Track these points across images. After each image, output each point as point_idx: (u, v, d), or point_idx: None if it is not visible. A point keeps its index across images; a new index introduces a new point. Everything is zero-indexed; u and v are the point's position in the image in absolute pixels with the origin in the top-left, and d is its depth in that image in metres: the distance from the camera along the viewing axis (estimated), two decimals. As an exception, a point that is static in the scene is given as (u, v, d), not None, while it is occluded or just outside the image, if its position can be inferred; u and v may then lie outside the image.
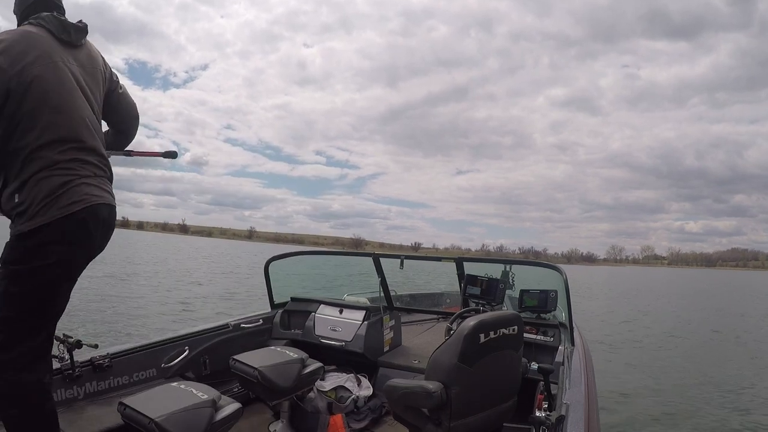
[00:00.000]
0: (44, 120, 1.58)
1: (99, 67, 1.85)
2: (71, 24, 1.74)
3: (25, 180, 1.56)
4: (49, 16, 1.69)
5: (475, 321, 1.92)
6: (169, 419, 1.62)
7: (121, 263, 20.59)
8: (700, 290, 35.45)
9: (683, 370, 7.82)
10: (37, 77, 1.58)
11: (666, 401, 5.91)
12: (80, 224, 1.61)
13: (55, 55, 1.65)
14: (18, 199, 1.56)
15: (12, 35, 1.59)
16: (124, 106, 1.99)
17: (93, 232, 1.67)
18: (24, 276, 1.56)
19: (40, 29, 1.66)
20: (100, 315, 8.77)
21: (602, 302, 20.74)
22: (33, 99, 1.57)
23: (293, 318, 3.51)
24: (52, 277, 1.59)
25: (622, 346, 9.67)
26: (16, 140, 1.56)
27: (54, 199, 1.56)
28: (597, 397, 2.47)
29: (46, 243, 1.56)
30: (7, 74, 1.53)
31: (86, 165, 1.67)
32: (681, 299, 25.44)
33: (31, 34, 1.62)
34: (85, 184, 1.64)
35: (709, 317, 16.49)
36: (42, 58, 1.60)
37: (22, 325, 1.57)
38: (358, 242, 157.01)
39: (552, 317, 3.14)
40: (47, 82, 1.60)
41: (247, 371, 2.38)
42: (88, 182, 1.65)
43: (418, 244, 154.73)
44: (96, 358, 2.33)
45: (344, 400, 2.86)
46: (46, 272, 1.57)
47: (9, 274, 1.56)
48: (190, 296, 12.49)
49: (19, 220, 1.56)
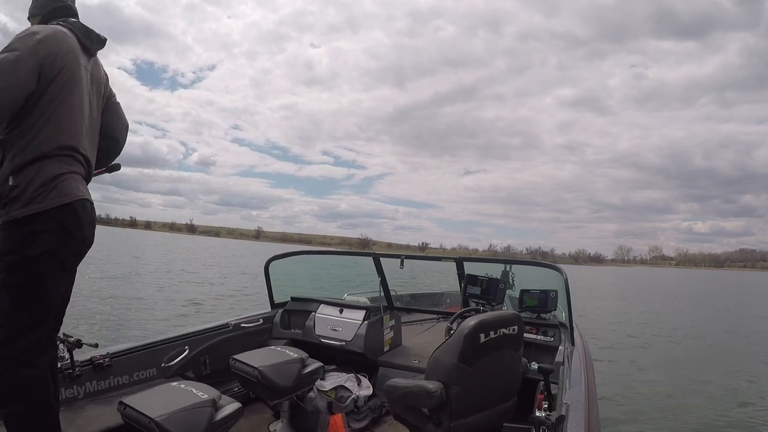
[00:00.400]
0: (56, 112, 1.63)
1: (102, 79, 1.93)
2: (95, 33, 1.83)
3: (22, 165, 1.58)
4: (77, 22, 1.80)
5: (476, 321, 1.92)
6: (169, 419, 1.62)
7: (129, 263, 20.76)
8: (708, 291, 34.96)
9: (688, 369, 7.76)
10: (64, 69, 1.65)
11: (672, 403, 5.86)
12: (74, 215, 1.65)
13: (81, 57, 1.75)
14: (12, 182, 1.57)
15: (47, 30, 1.67)
16: (118, 115, 2.06)
17: (85, 224, 1.71)
18: (18, 265, 1.56)
19: (69, 32, 1.74)
20: (103, 315, 8.82)
21: (609, 303, 20.58)
22: (56, 89, 1.63)
23: (293, 318, 3.52)
24: (46, 267, 1.60)
25: (630, 346, 9.61)
26: (26, 123, 1.60)
27: (49, 188, 1.59)
28: (597, 397, 2.45)
29: (41, 231, 1.57)
30: (41, 59, 1.59)
31: (77, 164, 1.72)
32: (688, 300, 25.07)
33: (64, 33, 1.71)
34: (75, 180, 1.69)
35: (719, 318, 16.22)
36: (70, 55, 1.69)
37: (20, 317, 1.57)
38: (365, 242, 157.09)
39: (552, 317, 3.13)
40: (71, 78, 1.68)
41: (248, 371, 2.38)
42: (77, 179, 1.71)
43: (425, 245, 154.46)
44: (96, 357, 2.34)
45: (344, 400, 2.86)
46: (39, 261, 1.58)
47: (4, 266, 1.56)
48: (198, 296, 12.54)
49: (12, 205, 1.57)
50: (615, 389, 6.10)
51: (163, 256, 30.62)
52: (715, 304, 22.78)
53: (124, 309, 9.72)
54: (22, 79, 1.54)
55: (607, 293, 26.88)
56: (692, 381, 6.97)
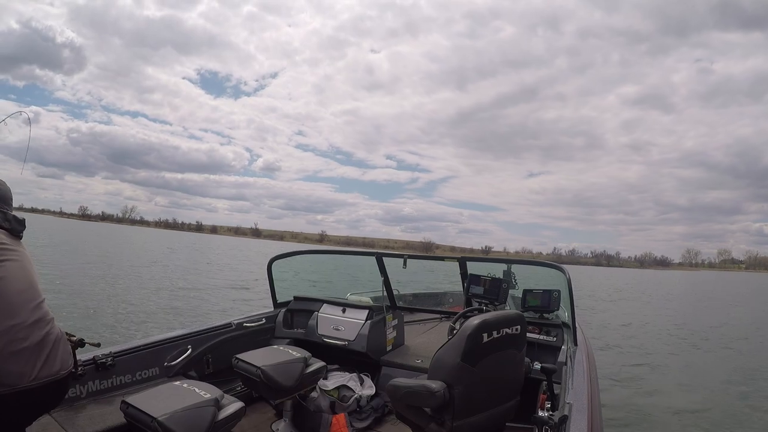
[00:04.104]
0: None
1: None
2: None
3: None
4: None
5: (479, 320, 1.92)
6: (171, 418, 1.63)
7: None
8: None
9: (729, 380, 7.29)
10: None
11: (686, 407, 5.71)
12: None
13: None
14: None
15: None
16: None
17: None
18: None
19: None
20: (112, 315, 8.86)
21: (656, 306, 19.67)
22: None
23: (296, 317, 3.52)
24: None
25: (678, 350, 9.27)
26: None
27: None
28: (600, 397, 2.45)
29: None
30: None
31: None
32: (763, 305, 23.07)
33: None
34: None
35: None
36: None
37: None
38: (427, 246, 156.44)
39: (555, 317, 3.12)
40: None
41: (250, 370, 2.38)
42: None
43: (488, 248, 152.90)
44: (99, 356, 2.34)
45: (347, 400, 2.86)
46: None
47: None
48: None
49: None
50: (621, 391, 6.03)
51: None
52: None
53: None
54: None
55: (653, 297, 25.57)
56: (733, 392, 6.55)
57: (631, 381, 6.75)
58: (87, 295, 10.40)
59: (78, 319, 7.86)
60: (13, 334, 1.45)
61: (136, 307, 9.43)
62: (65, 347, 1.62)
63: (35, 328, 1.52)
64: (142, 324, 8.04)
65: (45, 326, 1.56)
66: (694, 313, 18.43)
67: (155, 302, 10.47)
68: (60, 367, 1.57)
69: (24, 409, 1.51)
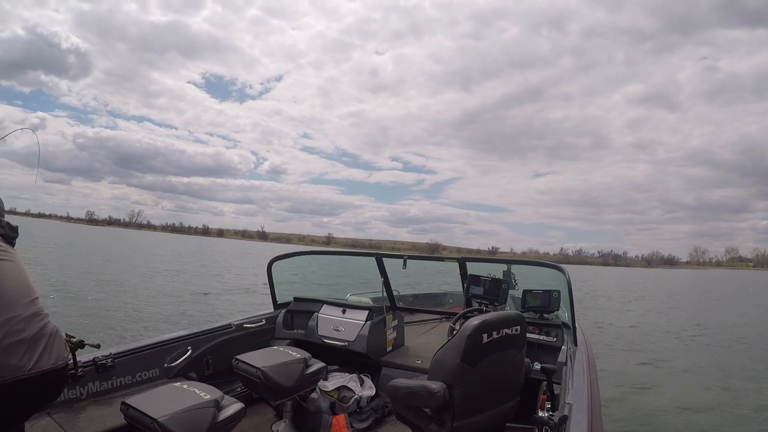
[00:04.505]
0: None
1: None
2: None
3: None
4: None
5: (478, 321, 1.92)
6: (171, 419, 1.63)
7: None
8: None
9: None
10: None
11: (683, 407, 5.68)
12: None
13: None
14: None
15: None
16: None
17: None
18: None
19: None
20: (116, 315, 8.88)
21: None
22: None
23: (296, 318, 3.52)
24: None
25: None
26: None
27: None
28: (600, 397, 2.45)
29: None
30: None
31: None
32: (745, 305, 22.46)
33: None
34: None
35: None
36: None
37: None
38: (434, 247, 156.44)
39: (555, 317, 3.12)
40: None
41: (250, 371, 2.39)
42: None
43: (495, 249, 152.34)
44: (99, 358, 2.34)
45: (347, 400, 2.86)
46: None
47: None
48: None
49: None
50: (620, 390, 6.03)
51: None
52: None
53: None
54: None
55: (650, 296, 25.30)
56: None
57: (634, 381, 6.72)
58: (87, 296, 10.42)
59: (78, 318, 7.88)
60: (9, 326, 1.49)
61: (140, 314, 9.40)
62: (60, 341, 1.65)
63: (31, 322, 1.55)
64: (142, 324, 8.04)
65: (41, 320, 1.59)
66: (704, 311, 18.25)
67: (161, 306, 10.41)
68: (56, 360, 1.58)
69: (21, 401, 1.53)
